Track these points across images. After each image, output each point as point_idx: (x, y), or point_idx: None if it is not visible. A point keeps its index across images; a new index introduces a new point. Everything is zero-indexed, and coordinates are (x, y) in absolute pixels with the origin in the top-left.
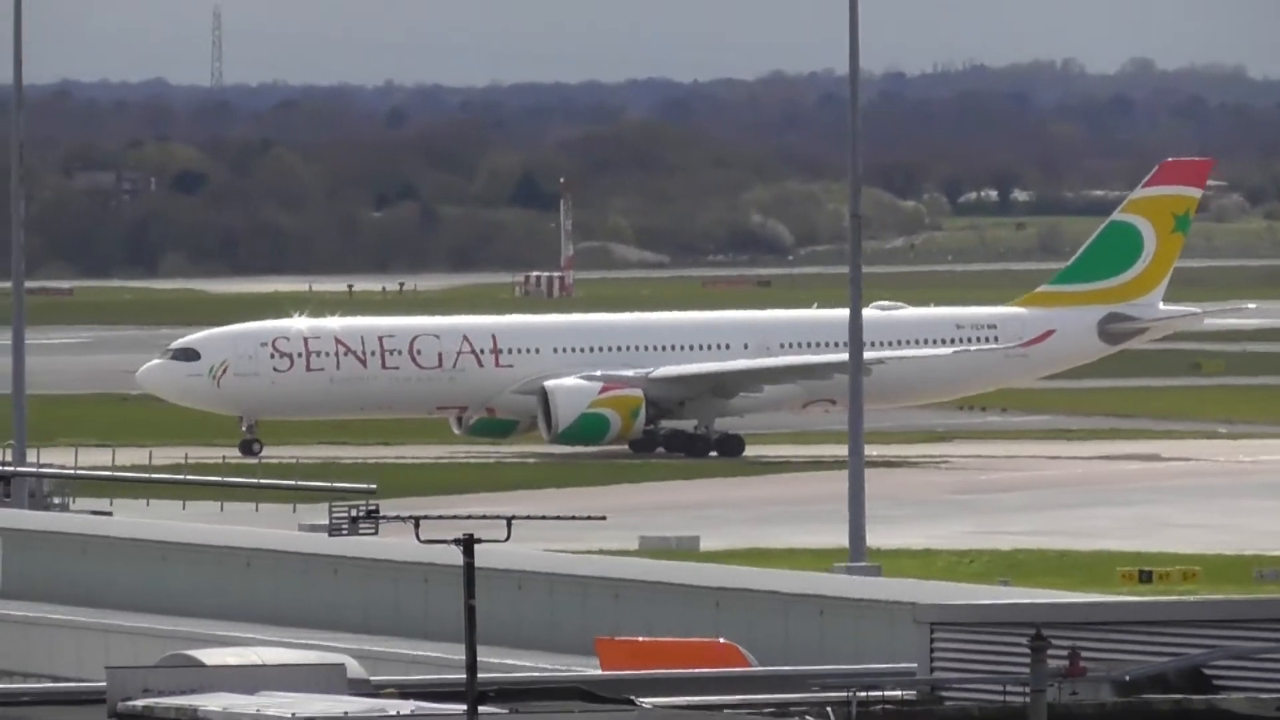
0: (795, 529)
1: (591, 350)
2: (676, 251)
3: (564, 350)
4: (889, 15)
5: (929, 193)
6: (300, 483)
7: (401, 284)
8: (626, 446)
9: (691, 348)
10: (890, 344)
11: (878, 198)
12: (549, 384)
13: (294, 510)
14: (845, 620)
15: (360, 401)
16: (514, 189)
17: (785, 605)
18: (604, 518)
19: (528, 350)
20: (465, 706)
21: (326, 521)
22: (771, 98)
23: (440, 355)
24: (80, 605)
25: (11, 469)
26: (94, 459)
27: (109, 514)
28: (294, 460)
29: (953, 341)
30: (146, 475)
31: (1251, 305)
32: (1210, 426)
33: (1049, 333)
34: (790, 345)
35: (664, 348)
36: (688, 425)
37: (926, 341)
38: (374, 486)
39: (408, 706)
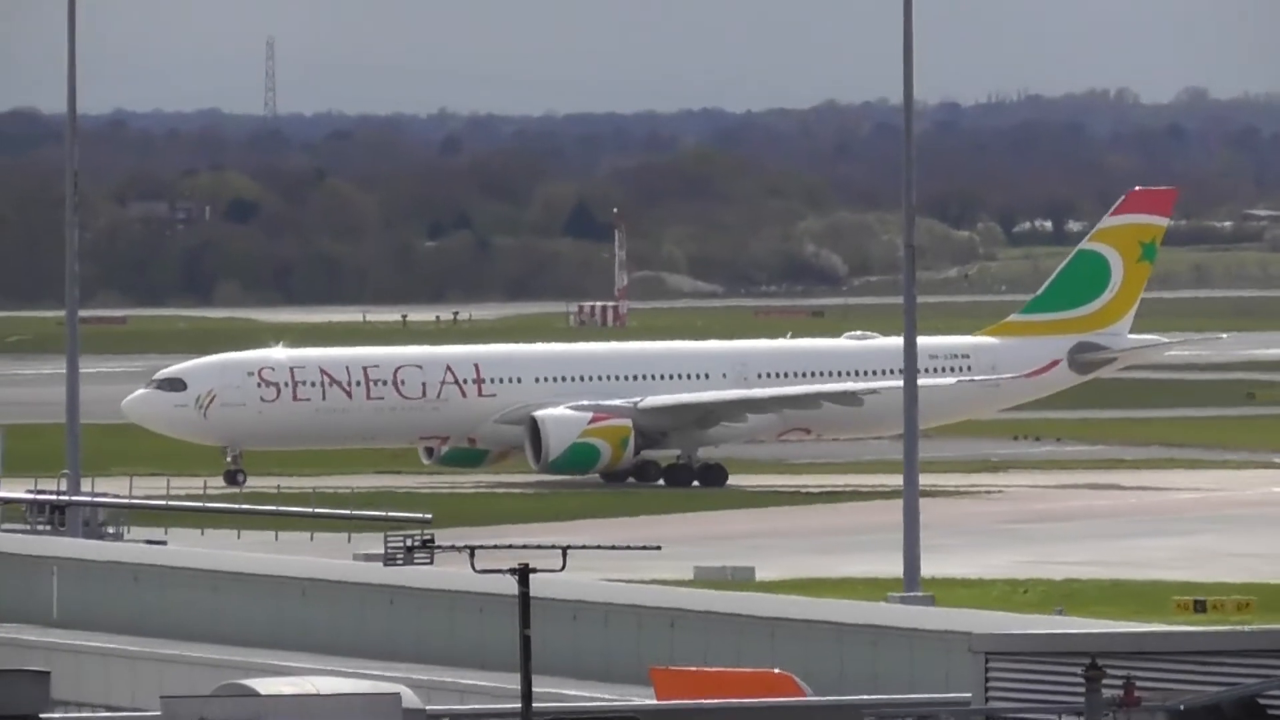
0: (850, 559)
1: (572, 380)
2: (730, 281)
3: (546, 380)
4: (944, 45)
5: (983, 222)
6: (356, 512)
7: (455, 313)
8: (598, 477)
9: (672, 377)
10: (869, 374)
11: (932, 227)
12: (539, 414)
13: (349, 540)
14: (900, 650)
15: (345, 432)
16: (568, 219)
17: (840, 635)
18: (659, 547)
19: (510, 380)
20: None
21: (382, 551)
22: (825, 127)
23: (424, 385)
24: (135, 635)
25: (66, 498)
26: (148, 488)
27: (163, 544)
28: (349, 490)
29: (927, 371)
30: (201, 505)
31: (1224, 336)
32: (1265, 456)
33: (1055, 362)
34: (768, 375)
35: (645, 377)
36: (668, 455)
37: (898, 371)
38: (430, 516)
39: None
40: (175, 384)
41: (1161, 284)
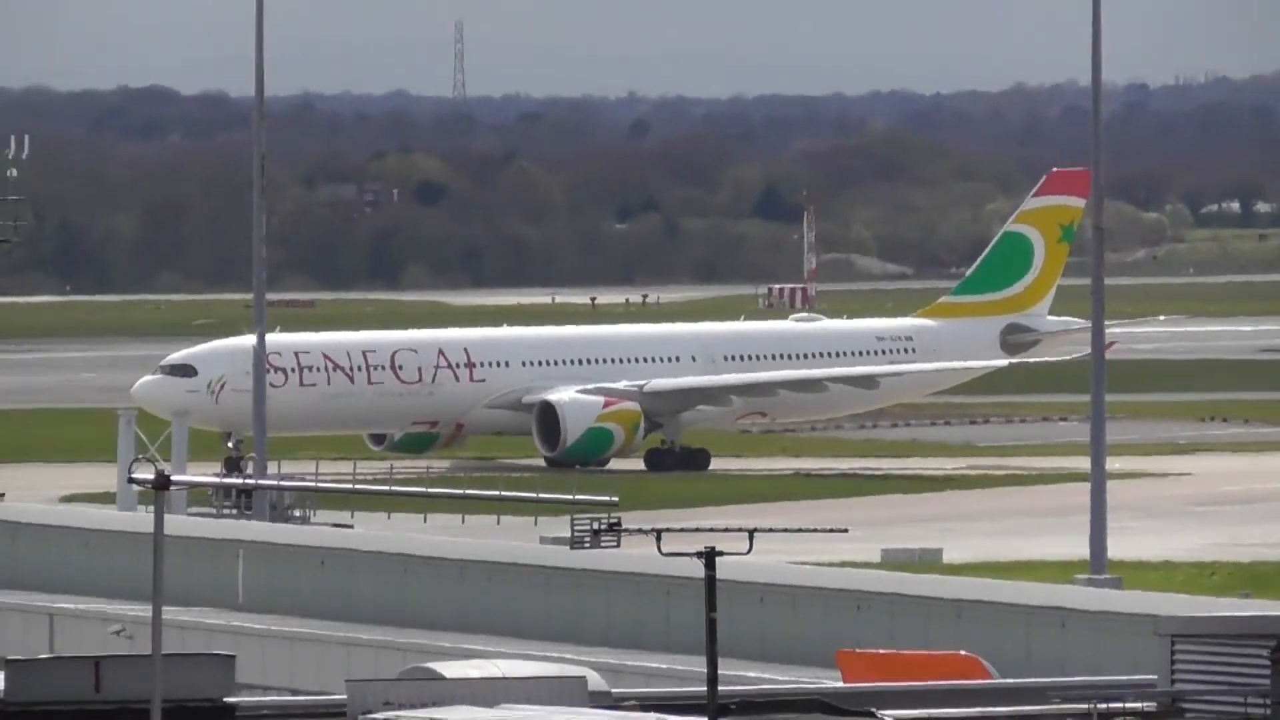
0: (1037, 541)
1: (558, 364)
2: (919, 263)
3: (533, 364)
4: (1131, 27)
5: (1171, 204)
6: (542, 495)
7: (645, 296)
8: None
9: (647, 360)
10: (824, 355)
11: (1120, 209)
12: (555, 399)
13: (535, 523)
14: (1086, 632)
15: (347, 417)
16: (757, 201)
17: (1026, 617)
18: (846, 530)
19: (499, 364)
20: (707, 719)
21: (568, 534)
22: (1014, 109)
23: (420, 370)
24: (321, 618)
25: (253, 482)
26: (335, 472)
27: (350, 527)
28: (533, 475)
29: (874, 353)
30: (387, 488)
31: (1162, 318)
32: None
33: (1111, 344)
34: (732, 358)
35: (623, 360)
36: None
37: (850, 354)
38: (616, 499)
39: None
40: (186, 370)
41: None
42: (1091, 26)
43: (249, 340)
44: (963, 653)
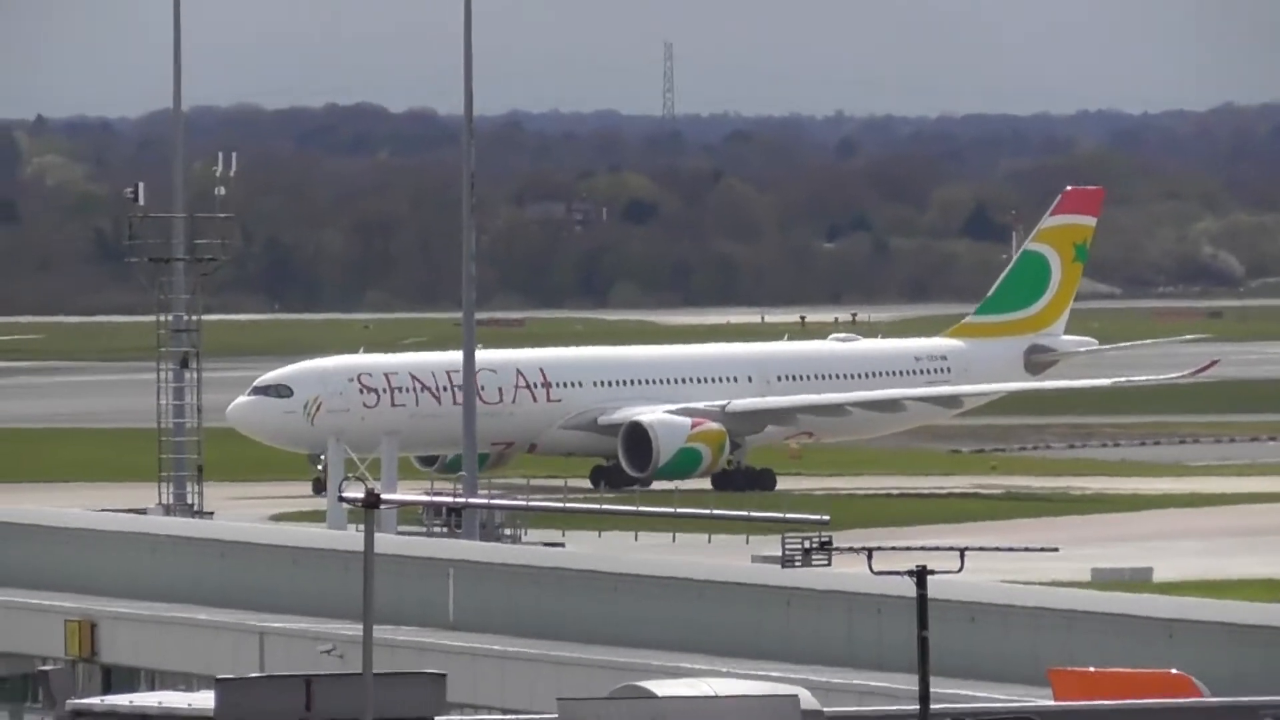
0: (1246, 560)
1: (626, 384)
2: (1126, 283)
3: (604, 384)
4: None
5: None
6: (754, 514)
7: (854, 315)
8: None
9: (703, 381)
10: (872, 375)
11: None
12: (646, 420)
13: (747, 542)
14: None
15: (435, 437)
16: (966, 220)
17: (1237, 636)
18: (1056, 549)
19: (573, 384)
20: None
21: (779, 553)
22: (1222, 129)
23: (500, 390)
24: (532, 637)
25: (464, 500)
26: (549, 490)
27: (561, 545)
28: (749, 494)
29: (912, 373)
30: (598, 506)
31: (1149, 342)
32: None
33: (1213, 362)
34: (786, 378)
35: (687, 381)
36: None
37: (890, 374)
38: (827, 518)
39: None
40: (281, 390)
41: None
42: None
43: (343, 360)
44: (1174, 671)
